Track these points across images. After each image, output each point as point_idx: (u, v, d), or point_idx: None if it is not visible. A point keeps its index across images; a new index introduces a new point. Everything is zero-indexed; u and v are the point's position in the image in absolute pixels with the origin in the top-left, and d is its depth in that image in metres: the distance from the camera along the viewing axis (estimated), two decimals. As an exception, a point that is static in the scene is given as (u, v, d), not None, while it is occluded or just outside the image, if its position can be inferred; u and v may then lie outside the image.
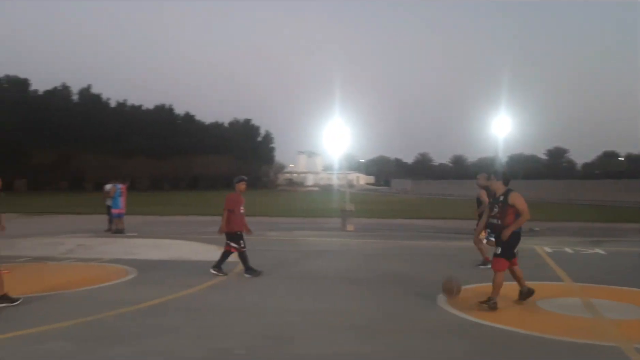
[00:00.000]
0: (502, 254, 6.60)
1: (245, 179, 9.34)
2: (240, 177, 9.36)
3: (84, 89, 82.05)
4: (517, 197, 6.61)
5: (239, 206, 8.92)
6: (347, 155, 22.48)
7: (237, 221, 8.86)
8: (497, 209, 6.68)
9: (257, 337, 5.32)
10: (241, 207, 8.99)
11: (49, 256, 11.12)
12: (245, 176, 9.51)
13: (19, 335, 5.31)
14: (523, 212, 6.55)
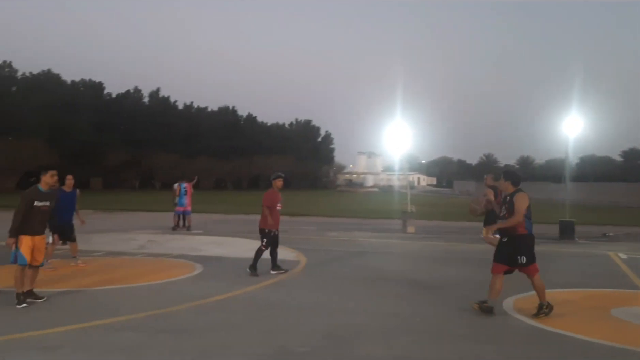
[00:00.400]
0: (496, 258, 6.39)
1: (282, 176, 9.12)
2: (277, 174, 9.13)
3: (153, 91, 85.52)
4: (520, 197, 6.31)
5: (275, 203, 8.78)
6: (408, 156, 22.22)
7: (272, 218, 8.76)
8: (505, 210, 6.43)
9: (318, 337, 5.36)
10: (278, 205, 8.84)
11: (122, 251, 11.68)
12: (282, 173, 9.28)
13: (94, 325, 5.61)
14: (516, 213, 6.21)
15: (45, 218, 6.76)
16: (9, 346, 4.86)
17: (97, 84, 77.55)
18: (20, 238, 6.45)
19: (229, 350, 4.86)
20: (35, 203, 6.55)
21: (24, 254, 6.44)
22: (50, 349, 4.80)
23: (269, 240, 8.88)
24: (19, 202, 6.55)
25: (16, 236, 6.44)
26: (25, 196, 6.57)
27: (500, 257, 6.36)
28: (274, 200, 8.77)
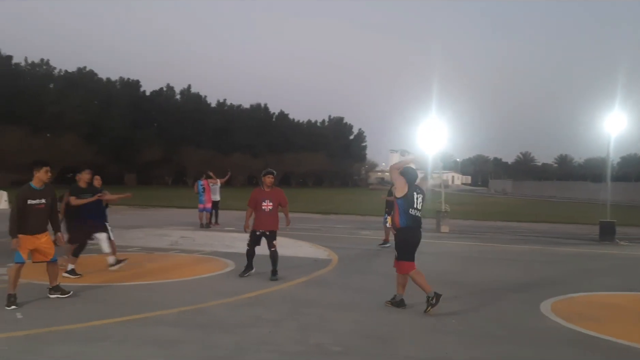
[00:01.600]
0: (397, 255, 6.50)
1: (271, 172, 8.55)
2: (267, 170, 8.62)
3: (184, 89, 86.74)
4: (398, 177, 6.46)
5: (260, 202, 8.31)
6: (442, 154, 21.86)
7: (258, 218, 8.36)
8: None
9: (354, 335, 5.30)
10: (264, 203, 8.30)
11: (155, 247, 11.84)
12: (272, 170, 8.70)
13: (130, 319, 5.68)
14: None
15: (43, 215, 6.45)
16: (53, 338, 4.96)
17: (134, 82, 79.05)
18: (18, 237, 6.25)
19: (263, 347, 4.84)
20: (28, 201, 6.31)
21: (21, 253, 6.27)
22: (93, 341, 4.88)
23: (252, 241, 8.49)
24: (16, 200, 6.34)
25: (15, 236, 6.22)
26: (18, 195, 6.34)
27: (400, 254, 6.52)
28: (258, 199, 8.29)
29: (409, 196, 6.32)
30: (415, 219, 6.37)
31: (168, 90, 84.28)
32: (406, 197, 6.31)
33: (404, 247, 6.36)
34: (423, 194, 6.56)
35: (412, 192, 6.38)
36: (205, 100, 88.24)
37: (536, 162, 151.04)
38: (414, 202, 6.36)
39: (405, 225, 6.32)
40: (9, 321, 5.48)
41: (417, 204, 6.40)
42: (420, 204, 6.45)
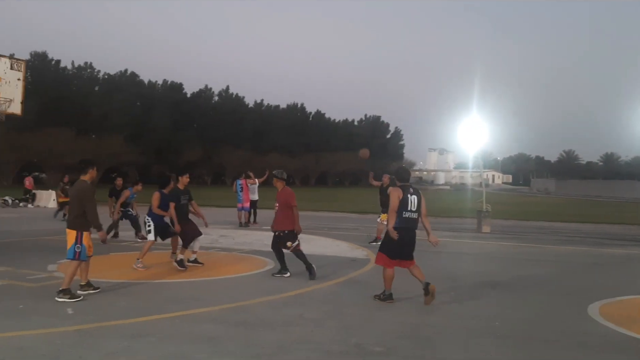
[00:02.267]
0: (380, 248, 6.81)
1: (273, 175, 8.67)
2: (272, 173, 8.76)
3: (223, 90, 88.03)
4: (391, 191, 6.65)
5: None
6: (482, 153, 21.48)
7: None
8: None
9: (396, 336, 5.26)
10: (276, 205, 8.39)
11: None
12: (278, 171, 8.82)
13: (175, 316, 5.81)
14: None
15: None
16: (102, 333, 5.12)
17: (177, 84, 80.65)
18: (84, 234, 6.51)
19: (305, 346, 4.87)
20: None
21: (87, 249, 6.53)
22: (140, 336, 5.02)
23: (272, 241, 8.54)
24: (90, 197, 6.54)
25: (102, 229, 6.65)
26: (91, 191, 6.58)
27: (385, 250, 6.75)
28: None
29: (403, 199, 6.52)
30: (408, 220, 6.56)
31: (207, 92, 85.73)
32: (401, 201, 6.51)
33: (388, 244, 6.64)
34: (418, 194, 6.69)
35: (406, 194, 6.55)
36: (243, 100, 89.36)
37: (580, 160, 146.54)
38: (408, 204, 6.53)
39: (398, 226, 6.50)
40: (60, 316, 5.70)
41: (411, 205, 6.56)
42: (415, 205, 6.60)
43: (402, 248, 6.58)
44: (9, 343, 4.75)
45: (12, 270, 8.18)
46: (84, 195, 6.57)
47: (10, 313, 5.78)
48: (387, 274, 6.64)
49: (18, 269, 8.32)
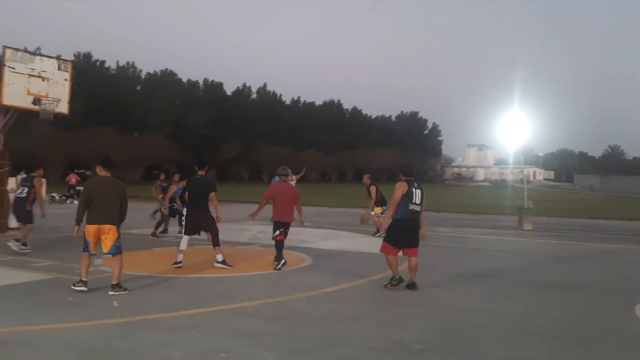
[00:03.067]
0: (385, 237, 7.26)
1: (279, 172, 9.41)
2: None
3: (260, 87, 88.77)
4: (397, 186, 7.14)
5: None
6: (523, 148, 21.00)
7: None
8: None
9: (436, 334, 5.22)
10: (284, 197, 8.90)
11: (235, 241, 12.25)
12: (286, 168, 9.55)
13: (216, 310, 5.93)
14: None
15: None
16: (146, 325, 5.27)
17: (217, 84, 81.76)
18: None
19: (345, 342, 4.88)
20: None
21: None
22: (182, 329, 5.14)
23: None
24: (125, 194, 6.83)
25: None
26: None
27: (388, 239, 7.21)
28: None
29: (409, 192, 7.03)
30: (412, 212, 7.04)
31: (245, 90, 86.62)
32: (407, 194, 7.00)
33: (392, 234, 7.11)
34: (421, 189, 7.22)
35: (411, 188, 7.08)
36: (280, 98, 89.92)
37: (626, 156, 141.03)
38: (413, 197, 7.05)
39: (402, 217, 6.99)
40: (107, 309, 5.89)
41: (416, 198, 7.07)
42: (419, 199, 7.11)
43: (406, 237, 7.06)
44: (61, 334, 4.94)
45: (61, 265, 8.50)
46: (125, 192, 6.82)
47: (60, 305, 6.01)
48: (390, 260, 7.12)
49: (66, 263, 8.64)
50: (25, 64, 12.71)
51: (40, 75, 12.96)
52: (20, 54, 12.75)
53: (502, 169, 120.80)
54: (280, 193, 8.90)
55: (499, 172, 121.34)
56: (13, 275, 7.60)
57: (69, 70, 13.72)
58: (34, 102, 12.83)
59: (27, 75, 12.70)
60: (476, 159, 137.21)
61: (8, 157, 12.85)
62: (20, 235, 9.84)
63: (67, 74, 13.66)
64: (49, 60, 13.34)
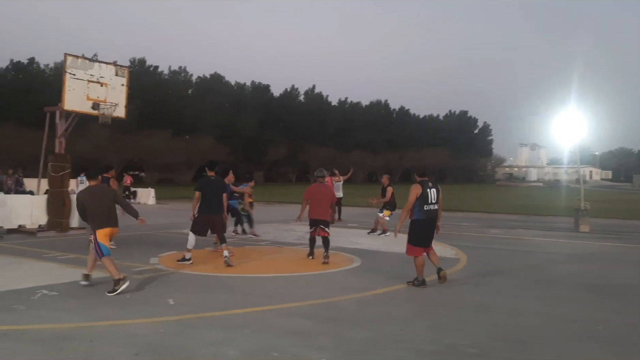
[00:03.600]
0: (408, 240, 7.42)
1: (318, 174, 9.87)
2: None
3: (309, 89, 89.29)
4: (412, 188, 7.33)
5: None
6: (579, 147, 20.22)
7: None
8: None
9: (489, 338, 5.11)
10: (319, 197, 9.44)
11: (284, 241, 12.38)
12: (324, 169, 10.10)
13: (267, 309, 6.01)
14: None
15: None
16: (200, 323, 5.41)
17: (264, 86, 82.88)
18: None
19: (396, 344, 4.85)
20: None
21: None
22: (235, 328, 5.25)
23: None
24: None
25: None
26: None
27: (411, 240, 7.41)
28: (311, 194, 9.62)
29: (424, 194, 7.21)
30: (429, 212, 7.25)
31: (293, 92, 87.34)
32: (421, 196, 7.19)
33: (415, 236, 7.30)
34: (437, 187, 7.39)
35: (425, 189, 7.24)
36: (327, 99, 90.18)
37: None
38: (428, 198, 7.23)
39: (419, 218, 7.23)
40: (163, 306, 6.08)
41: (431, 198, 7.26)
42: (435, 198, 7.30)
43: (427, 236, 7.33)
44: (120, 330, 5.14)
45: (118, 263, 8.78)
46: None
47: (119, 303, 6.25)
48: (418, 262, 7.27)
49: (123, 261, 8.95)
50: (85, 71, 13.26)
51: (98, 81, 13.49)
52: (80, 61, 13.31)
53: (556, 168, 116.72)
54: (316, 194, 9.46)
55: (553, 172, 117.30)
56: (76, 273, 7.93)
57: (126, 76, 14.22)
58: (93, 107, 13.36)
59: (87, 81, 13.25)
60: (528, 158, 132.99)
61: (69, 160, 13.44)
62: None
63: (124, 79, 14.16)
64: (106, 67, 13.87)
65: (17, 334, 4.96)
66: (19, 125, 46.77)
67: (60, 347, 4.59)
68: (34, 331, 5.06)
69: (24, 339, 4.82)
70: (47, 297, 6.41)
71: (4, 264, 8.58)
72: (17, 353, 4.43)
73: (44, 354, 4.44)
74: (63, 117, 13.45)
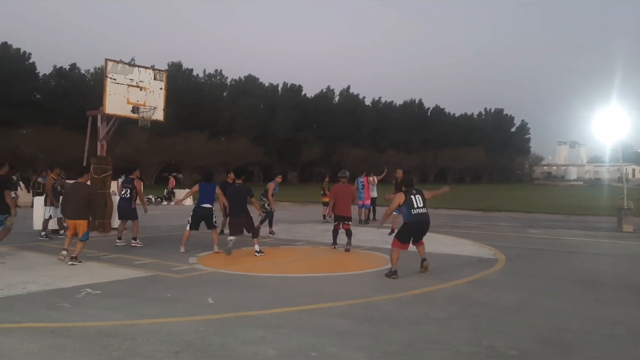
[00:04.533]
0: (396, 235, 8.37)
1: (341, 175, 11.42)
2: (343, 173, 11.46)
3: (344, 89, 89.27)
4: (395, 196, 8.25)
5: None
6: (621, 144, 19.59)
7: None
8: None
9: (532, 340, 5.00)
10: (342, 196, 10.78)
11: (319, 241, 12.40)
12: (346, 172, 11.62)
13: (304, 309, 6.05)
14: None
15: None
16: (239, 322, 5.49)
17: (297, 86, 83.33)
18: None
19: (434, 345, 4.82)
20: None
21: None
22: (273, 327, 5.30)
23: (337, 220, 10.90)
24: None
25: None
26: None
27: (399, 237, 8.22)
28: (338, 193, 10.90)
29: (409, 201, 7.98)
30: (417, 215, 7.99)
31: (328, 93, 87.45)
32: (406, 203, 7.97)
33: (403, 235, 8.12)
34: (420, 193, 8.17)
35: (409, 196, 8.02)
36: (361, 99, 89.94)
37: None
38: (413, 203, 7.98)
39: (409, 220, 8.02)
40: (202, 305, 6.20)
41: (417, 203, 8.00)
42: (421, 202, 8.04)
43: (415, 235, 8.14)
44: (161, 328, 5.27)
45: (159, 262, 9.04)
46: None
47: (160, 301, 6.40)
48: (395, 255, 7.98)
49: (164, 261, 9.18)
50: (125, 75, 13.63)
51: (138, 85, 13.85)
52: (120, 66, 13.68)
53: (596, 167, 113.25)
54: (339, 193, 10.91)
55: (593, 170, 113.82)
56: (118, 272, 8.19)
57: (164, 80, 14.55)
58: (133, 111, 13.73)
59: (127, 86, 13.62)
60: (568, 156, 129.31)
61: (110, 162, 13.83)
62: (134, 233, 11.26)
63: (162, 83, 14.49)
64: (145, 71, 14.22)
65: (64, 331, 5.14)
66: (63, 129, 48.42)
67: (104, 344, 4.74)
68: (79, 328, 5.23)
69: (70, 336, 4.99)
70: (90, 296, 6.62)
71: (50, 264, 8.90)
72: (64, 350, 4.60)
73: (89, 350, 4.59)
74: (104, 120, 13.85)
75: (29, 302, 6.30)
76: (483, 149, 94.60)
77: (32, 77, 57.98)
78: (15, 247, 10.63)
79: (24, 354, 4.49)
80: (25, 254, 9.96)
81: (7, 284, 7.20)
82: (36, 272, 8.12)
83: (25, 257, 9.64)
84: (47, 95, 57.92)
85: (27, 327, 5.25)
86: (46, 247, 10.94)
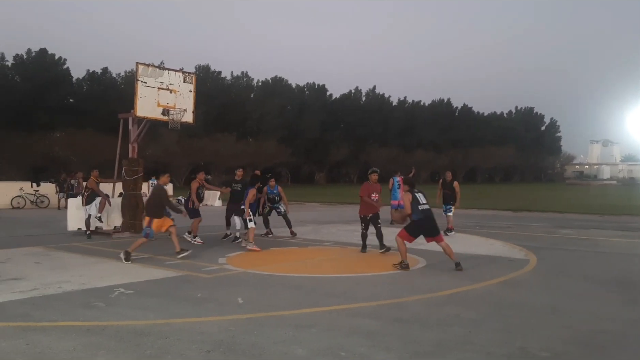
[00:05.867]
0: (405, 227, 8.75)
1: (376, 171, 11.09)
2: (373, 169, 11.14)
3: (369, 90, 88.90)
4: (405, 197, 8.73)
5: (370, 193, 10.70)
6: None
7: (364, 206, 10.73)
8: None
9: (565, 342, 4.91)
10: (373, 195, 10.73)
11: (348, 242, 12.39)
12: (377, 168, 11.25)
13: (334, 309, 6.06)
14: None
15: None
16: (269, 322, 5.54)
17: (321, 86, 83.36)
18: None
19: (465, 346, 4.76)
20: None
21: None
22: (303, 327, 5.33)
23: (366, 224, 10.79)
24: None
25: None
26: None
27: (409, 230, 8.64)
28: (369, 191, 10.74)
29: (415, 198, 8.55)
30: (424, 211, 8.53)
31: (356, 93, 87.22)
32: (414, 200, 8.53)
33: (412, 228, 8.57)
34: (422, 192, 8.75)
35: (414, 194, 8.58)
36: (388, 99, 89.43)
37: None
38: (419, 200, 8.54)
39: (417, 217, 8.49)
40: (233, 305, 6.26)
41: (422, 200, 8.59)
42: (424, 199, 8.64)
43: (425, 230, 8.53)
44: (192, 327, 5.35)
45: (190, 263, 9.17)
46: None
47: (191, 301, 6.49)
48: (403, 247, 8.53)
49: (194, 261, 9.31)
50: (155, 78, 13.86)
51: (168, 87, 14.07)
52: (151, 69, 13.92)
53: (630, 165, 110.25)
54: (367, 191, 10.88)
55: (627, 169, 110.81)
56: (150, 272, 8.34)
57: (193, 82, 14.75)
58: (163, 113, 13.96)
59: (157, 89, 13.85)
60: (600, 155, 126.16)
61: (142, 164, 14.09)
62: (193, 230, 12.09)
63: (192, 85, 14.70)
64: (175, 74, 14.43)
65: (98, 329, 5.27)
66: (95, 132, 49.53)
67: (137, 342, 4.83)
68: (113, 327, 5.35)
69: (105, 334, 5.11)
70: (124, 295, 6.76)
71: (84, 264, 9.13)
72: (99, 348, 4.71)
73: (123, 349, 4.68)
74: (135, 123, 14.12)
75: (65, 301, 6.47)
76: (513, 148, 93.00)
77: (66, 82, 59.47)
78: (50, 247, 10.93)
79: (60, 351, 4.62)
80: (60, 254, 10.23)
81: (42, 283, 7.41)
82: (70, 271, 8.33)
83: (60, 257, 9.90)
84: (80, 99, 59.30)
85: (63, 326, 5.40)
86: (80, 247, 11.21)
